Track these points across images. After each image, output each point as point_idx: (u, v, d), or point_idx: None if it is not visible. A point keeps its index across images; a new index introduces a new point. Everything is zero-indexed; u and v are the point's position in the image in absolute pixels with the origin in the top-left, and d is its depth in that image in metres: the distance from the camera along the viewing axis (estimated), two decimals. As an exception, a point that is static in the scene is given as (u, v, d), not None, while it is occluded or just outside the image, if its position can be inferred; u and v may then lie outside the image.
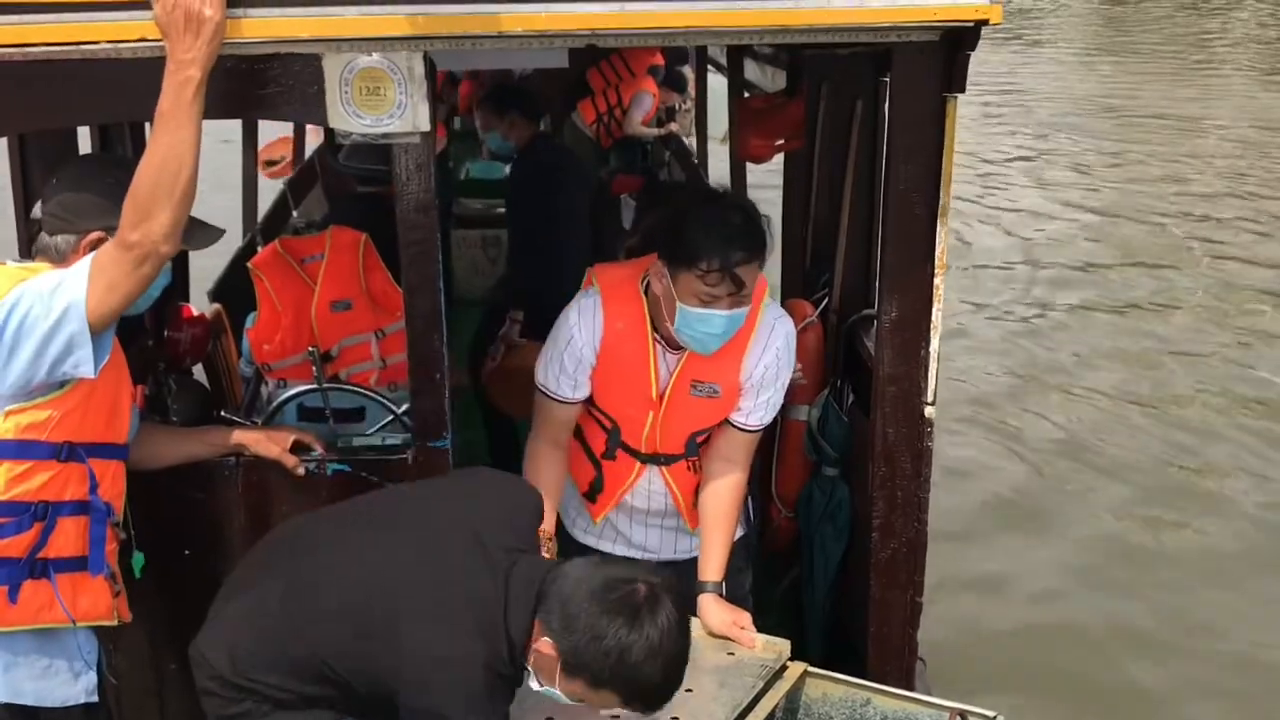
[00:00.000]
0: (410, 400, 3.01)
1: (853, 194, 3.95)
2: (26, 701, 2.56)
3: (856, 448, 3.61)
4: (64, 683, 2.61)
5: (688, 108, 9.51)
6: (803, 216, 4.46)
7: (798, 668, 2.84)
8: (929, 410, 3.02)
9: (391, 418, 3.66)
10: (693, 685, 2.55)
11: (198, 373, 4.48)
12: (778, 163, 5.08)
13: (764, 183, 6.00)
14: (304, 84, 2.66)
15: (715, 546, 3.03)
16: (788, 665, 2.84)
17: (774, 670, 2.79)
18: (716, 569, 3.00)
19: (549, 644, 2.24)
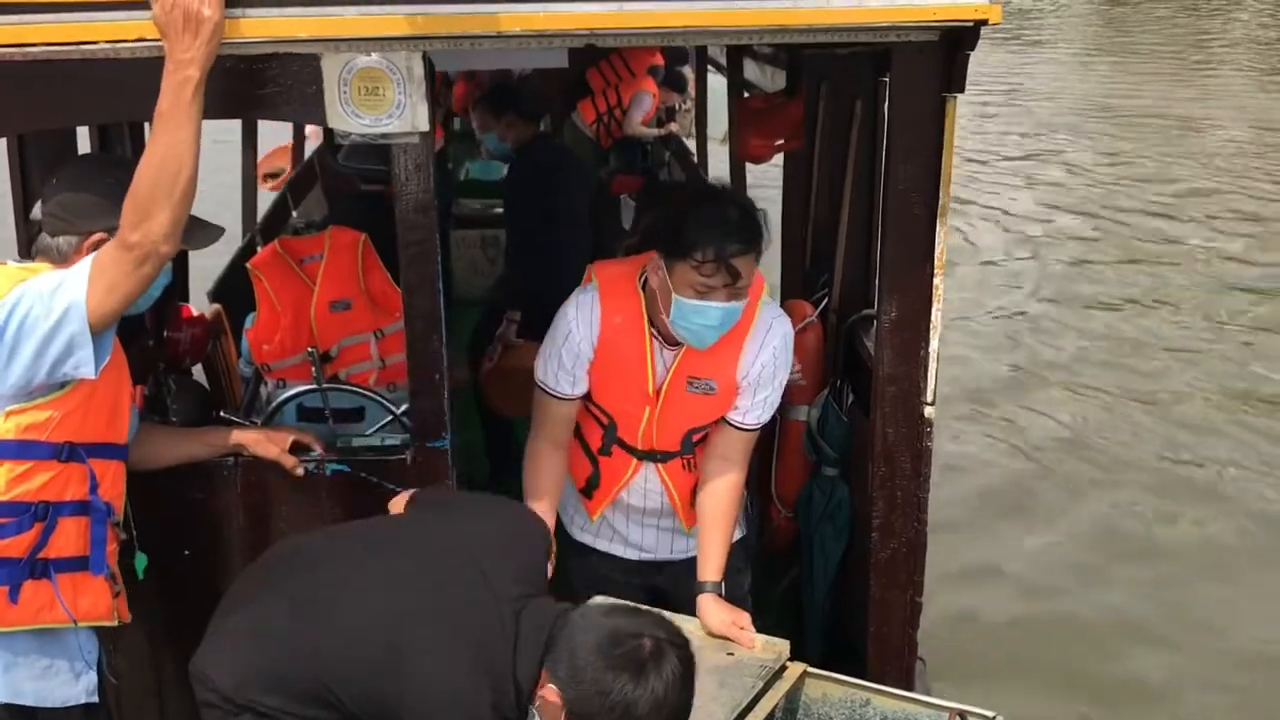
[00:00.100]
0: (409, 401, 3.01)
1: (852, 194, 3.95)
2: (26, 702, 2.56)
3: (856, 448, 3.61)
4: (64, 683, 2.61)
5: (688, 108, 9.50)
6: (802, 216, 4.46)
7: (797, 668, 2.83)
8: (929, 410, 3.02)
9: (391, 418, 3.65)
10: (692, 686, 2.55)
11: (197, 373, 4.48)
12: (777, 162, 5.08)
13: (764, 182, 6.01)
14: (303, 84, 2.66)
15: (714, 546, 3.03)
16: (787, 665, 2.83)
17: (773, 670, 2.78)
18: (715, 569, 3.00)
19: (555, 692, 2.23)
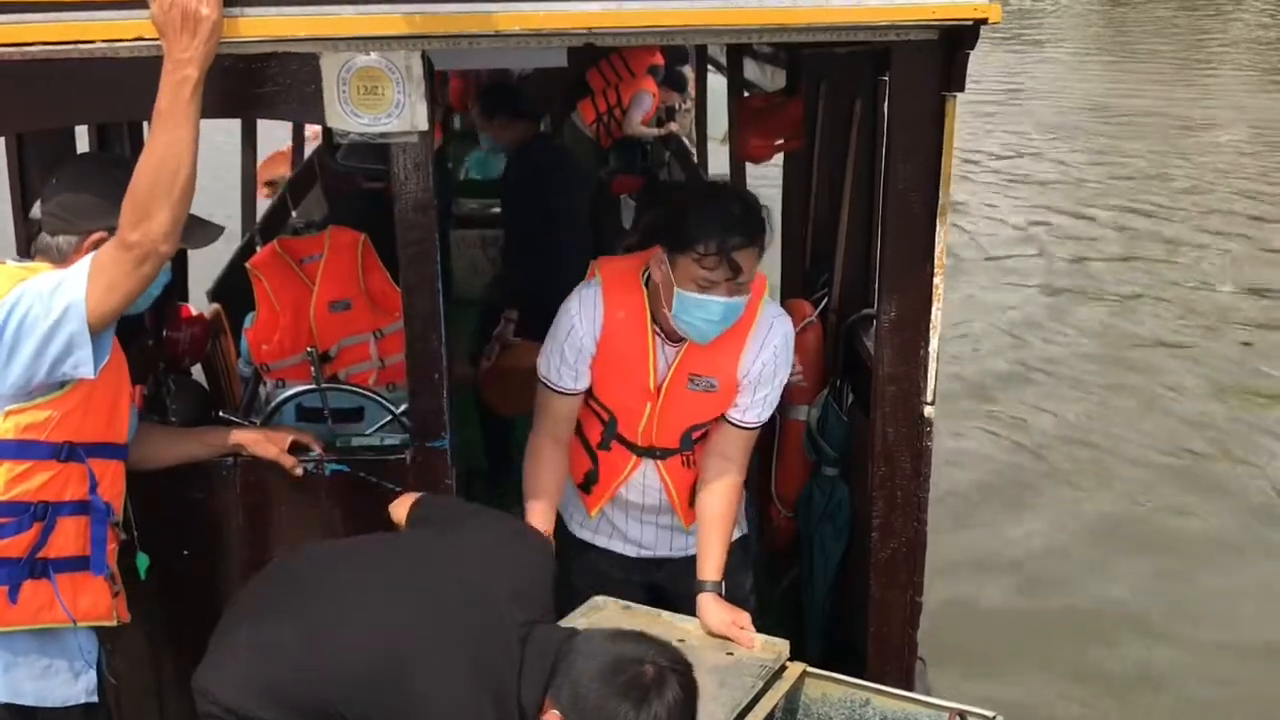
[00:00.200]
0: (409, 400, 3.00)
1: (852, 193, 3.95)
2: (26, 701, 2.56)
3: (856, 447, 3.60)
4: (64, 683, 2.61)
5: (687, 107, 9.51)
6: (802, 216, 4.46)
7: (797, 668, 2.83)
8: (928, 410, 3.02)
9: (390, 418, 3.65)
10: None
11: (196, 373, 4.48)
12: (777, 162, 5.08)
13: (763, 182, 6.01)
14: (302, 83, 2.66)
15: (713, 546, 3.02)
16: (787, 665, 2.83)
17: (773, 670, 2.78)
18: (715, 568, 3.00)
19: (558, 718, 2.23)
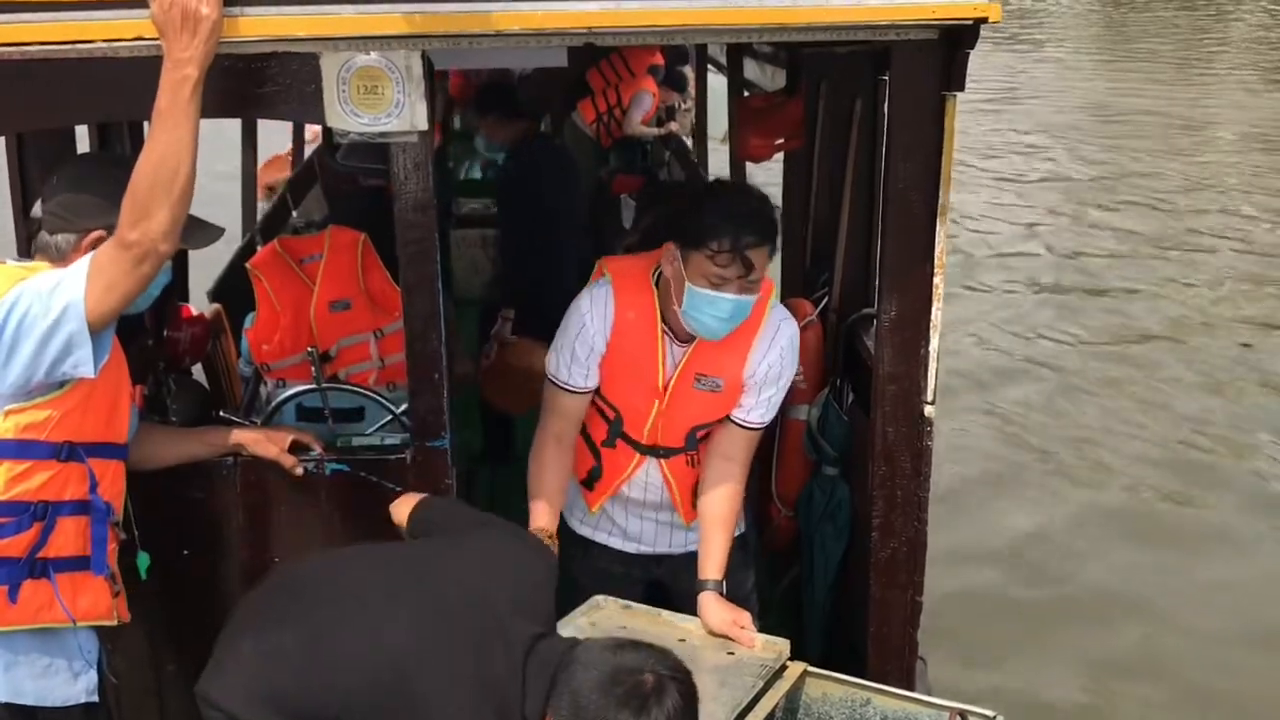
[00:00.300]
0: (409, 400, 3.00)
1: (852, 193, 3.95)
2: (27, 701, 2.56)
3: (856, 447, 3.60)
4: (64, 682, 2.61)
5: (688, 107, 9.51)
6: (802, 215, 4.46)
7: (797, 667, 2.83)
8: (929, 409, 3.02)
9: (390, 418, 3.65)
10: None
11: (197, 373, 4.48)
12: (778, 161, 5.09)
13: (764, 182, 6.02)
14: (302, 83, 2.66)
15: (715, 545, 3.02)
16: (787, 665, 2.83)
17: (774, 670, 2.78)
18: (717, 567, 3.00)
19: None
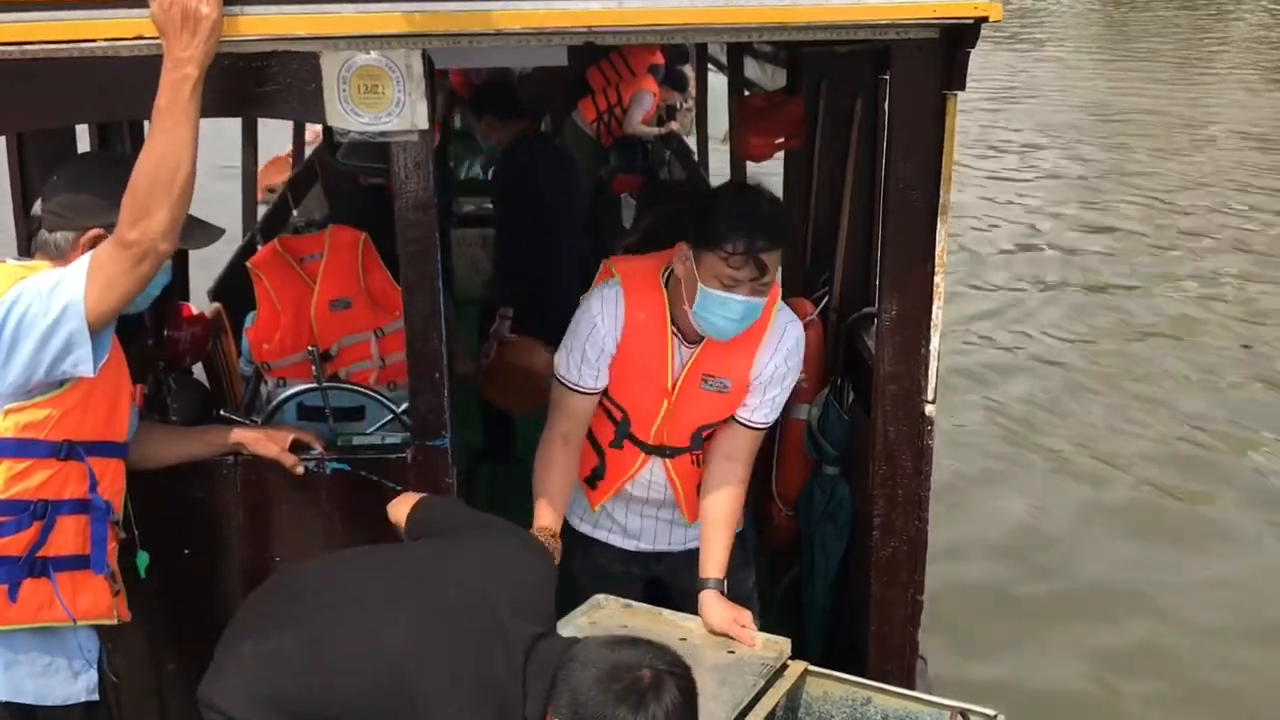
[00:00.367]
0: (409, 399, 3.00)
1: (853, 192, 3.95)
2: (27, 700, 2.56)
3: (857, 446, 3.60)
4: (64, 681, 2.61)
5: (688, 106, 9.50)
6: (803, 215, 4.45)
7: (798, 666, 2.83)
8: (929, 408, 3.02)
9: (391, 417, 3.65)
10: (693, 683, 2.55)
11: (197, 372, 4.48)
12: (778, 160, 5.08)
13: (764, 181, 6.02)
14: (302, 82, 2.66)
15: (717, 544, 3.03)
16: (788, 664, 2.83)
17: (775, 669, 2.78)
18: (718, 566, 3.00)
19: None
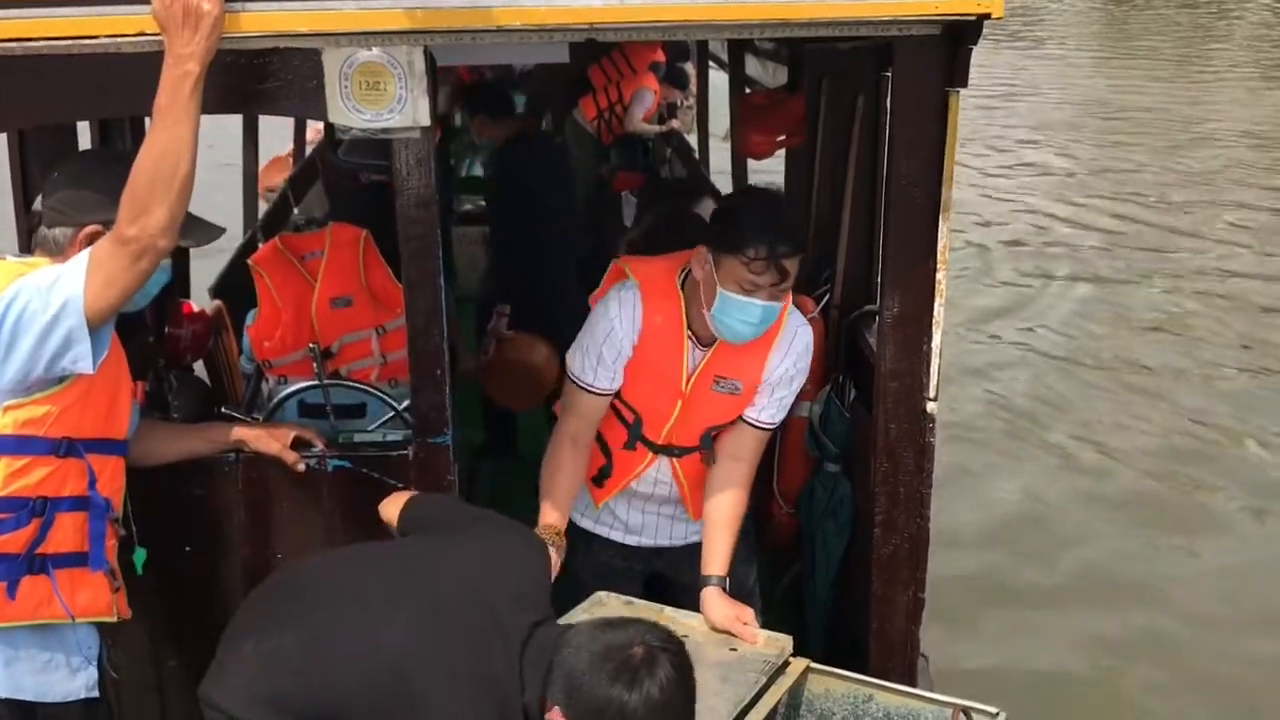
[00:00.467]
0: (411, 396, 3.00)
1: (854, 189, 3.94)
2: (27, 697, 2.56)
3: (858, 444, 3.60)
4: (64, 678, 2.61)
5: (689, 104, 9.49)
6: (804, 212, 4.45)
7: (800, 664, 2.83)
8: (931, 406, 3.01)
9: (392, 414, 3.65)
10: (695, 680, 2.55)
11: (198, 369, 4.48)
12: (779, 158, 5.08)
13: (765, 179, 6.02)
14: (303, 78, 2.66)
15: (720, 542, 3.03)
16: (790, 661, 2.83)
17: (776, 666, 2.78)
18: (721, 564, 3.00)
19: (559, 713, 2.24)
